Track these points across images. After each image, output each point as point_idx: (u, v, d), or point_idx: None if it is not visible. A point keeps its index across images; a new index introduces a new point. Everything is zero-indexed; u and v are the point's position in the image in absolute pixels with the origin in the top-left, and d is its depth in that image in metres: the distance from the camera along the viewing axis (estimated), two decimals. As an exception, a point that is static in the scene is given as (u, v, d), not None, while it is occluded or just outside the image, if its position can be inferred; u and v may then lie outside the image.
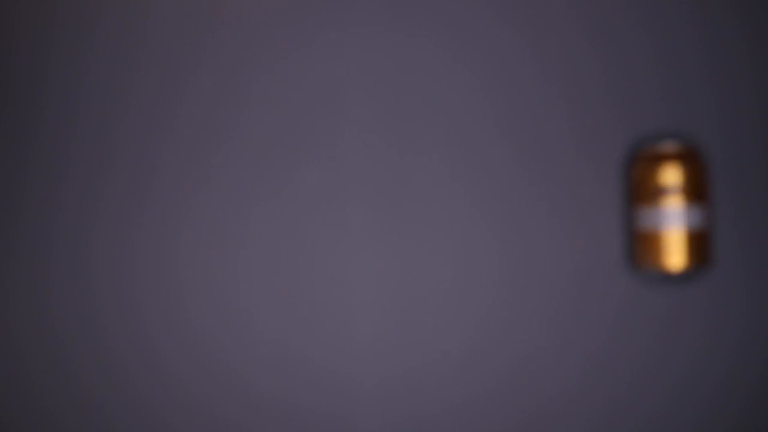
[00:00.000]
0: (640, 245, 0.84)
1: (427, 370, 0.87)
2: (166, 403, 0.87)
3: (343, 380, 0.87)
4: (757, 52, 0.91)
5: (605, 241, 0.88)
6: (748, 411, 0.87)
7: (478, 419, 0.86)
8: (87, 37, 0.92)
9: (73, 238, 0.89)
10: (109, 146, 0.91)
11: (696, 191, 0.83)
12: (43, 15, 0.93)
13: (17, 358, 0.88)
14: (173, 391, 0.87)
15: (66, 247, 0.89)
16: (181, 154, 0.90)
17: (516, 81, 0.91)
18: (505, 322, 0.88)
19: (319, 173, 0.90)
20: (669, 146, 0.84)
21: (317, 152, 0.90)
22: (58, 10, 0.93)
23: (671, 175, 0.83)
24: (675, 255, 0.82)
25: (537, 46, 0.91)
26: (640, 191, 0.84)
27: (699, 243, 0.83)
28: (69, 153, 0.90)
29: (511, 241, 0.89)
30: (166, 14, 0.93)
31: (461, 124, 0.90)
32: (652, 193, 0.83)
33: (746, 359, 0.87)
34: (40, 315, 0.89)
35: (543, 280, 0.88)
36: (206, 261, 0.89)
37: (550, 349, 0.87)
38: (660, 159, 0.84)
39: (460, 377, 0.87)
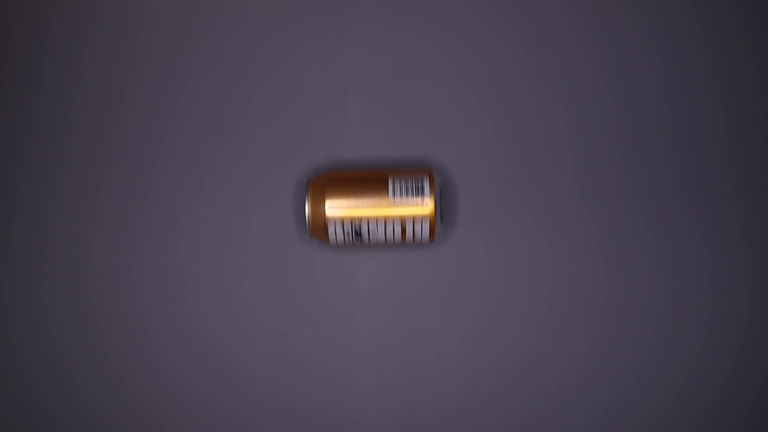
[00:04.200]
0: None
1: (427, 366, 0.87)
2: (164, 402, 0.87)
3: (342, 376, 0.87)
4: (762, 54, 0.91)
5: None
6: (756, 407, 0.87)
7: (478, 415, 0.86)
8: (82, 36, 0.93)
9: (68, 238, 0.89)
10: (105, 145, 0.91)
11: None
12: (38, 13, 0.93)
13: (11, 359, 0.88)
14: (171, 389, 0.87)
15: (62, 246, 0.89)
16: (180, 153, 0.91)
17: (516, 84, 0.91)
18: (504, 318, 0.88)
19: (320, 170, 0.90)
20: None
21: (317, 152, 0.90)
22: (52, 8, 0.93)
23: None
24: None
25: (538, 50, 0.92)
26: None
27: None
28: (64, 152, 0.91)
29: (508, 238, 0.89)
30: (164, 13, 0.93)
31: (461, 126, 0.91)
32: None
33: (751, 354, 0.87)
34: (36, 315, 0.88)
35: (541, 276, 0.88)
36: (205, 260, 0.89)
37: (550, 344, 0.87)
38: None
39: (460, 373, 0.87)
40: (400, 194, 0.80)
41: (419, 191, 0.81)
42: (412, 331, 0.88)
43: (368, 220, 0.81)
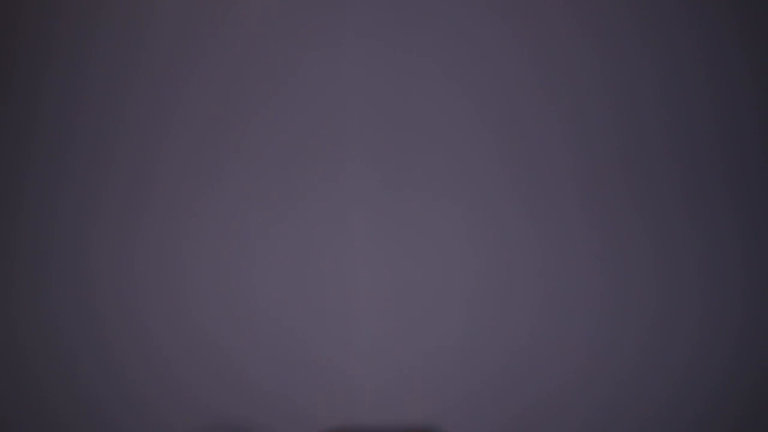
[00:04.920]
0: None
1: (427, 367, 0.87)
2: (167, 399, 0.88)
3: (343, 376, 0.87)
4: (756, 56, 0.91)
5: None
6: (748, 406, 0.87)
7: (477, 415, 0.86)
8: (87, 37, 0.93)
9: (73, 238, 0.90)
10: (109, 146, 0.91)
11: None
12: (44, 14, 0.93)
13: (19, 356, 0.89)
14: (174, 387, 0.88)
15: (67, 246, 0.90)
16: (183, 154, 0.91)
17: (516, 92, 0.91)
18: (503, 319, 0.88)
19: (320, 174, 0.90)
20: None
21: (318, 153, 0.91)
22: (58, 10, 0.93)
23: None
24: None
25: (538, 57, 0.91)
26: None
27: None
28: (70, 152, 0.91)
29: (507, 242, 0.89)
30: (168, 16, 0.93)
31: (460, 132, 0.91)
32: None
33: (745, 354, 0.87)
34: (42, 314, 0.89)
35: (539, 278, 0.88)
36: (207, 261, 0.89)
37: (548, 344, 0.87)
38: None
39: (459, 374, 0.87)
40: None
41: None
42: (412, 331, 0.88)
43: None
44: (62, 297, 0.89)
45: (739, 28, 0.91)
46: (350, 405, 0.87)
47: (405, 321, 0.88)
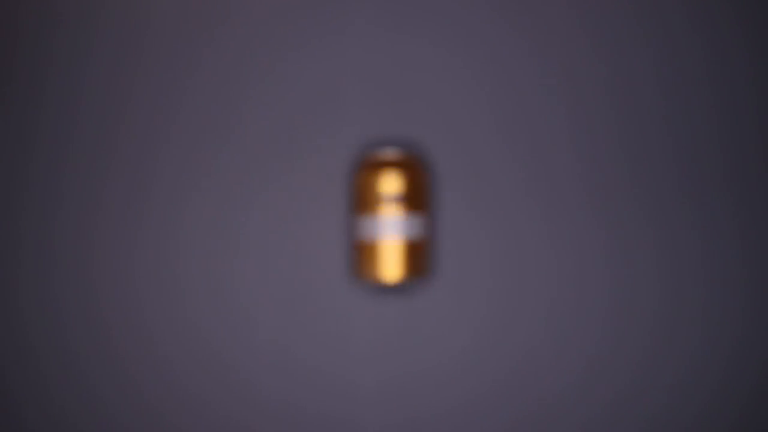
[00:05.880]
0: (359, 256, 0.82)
1: (426, 371, 0.87)
2: (166, 402, 0.88)
3: (343, 381, 0.87)
4: (757, 55, 0.91)
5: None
6: (748, 406, 0.87)
7: (477, 420, 0.87)
8: (87, 38, 0.92)
9: (75, 238, 0.90)
10: (109, 146, 0.91)
11: (415, 200, 0.82)
12: (44, 15, 0.93)
13: (23, 355, 0.89)
14: (173, 390, 0.88)
15: (68, 246, 0.90)
16: (182, 153, 0.91)
17: (515, 82, 0.91)
18: (503, 322, 0.88)
19: (318, 173, 0.90)
20: (389, 154, 0.82)
21: (317, 152, 0.90)
22: (59, 10, 0.93)
23: (390, 184, 0.81)
24: (392, 266, 0.81)
25: (536, 47, 0.91)
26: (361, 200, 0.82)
27: (417, 253, 0.81)
28: (70, 153, 0.91)
29: (508, 242, 0.89)
30: (167, 15, 0.93)
31: (459, 124, 0.91)
32: (372, 202, 0.81)
33: (745, 357, 0.88)
34: (45, 313, 0.89)
35: (540, 280, 0.88)
36: (206, 261, 0.89)
37: (548, 349, 0.87)
38: (379, 167, 0.82)
39: (459, 378, 0.87)
40: None
41: None
42: (411, 336, 0.88)
43: None
44: (65, 296, 0.89)
45: (741, 29, 0.91)
46: (351, 408, 0.87)
47: (406, 323, 0.88)
